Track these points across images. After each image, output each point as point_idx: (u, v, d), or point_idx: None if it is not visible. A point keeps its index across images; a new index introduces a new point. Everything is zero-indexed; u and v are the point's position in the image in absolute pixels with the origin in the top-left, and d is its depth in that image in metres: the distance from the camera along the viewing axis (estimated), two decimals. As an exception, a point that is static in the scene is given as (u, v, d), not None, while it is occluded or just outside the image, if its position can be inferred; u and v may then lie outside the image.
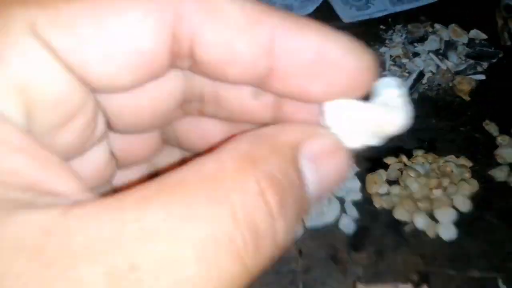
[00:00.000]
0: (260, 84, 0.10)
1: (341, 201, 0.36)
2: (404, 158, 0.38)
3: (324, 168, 0.09)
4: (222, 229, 0.07)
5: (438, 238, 0.35)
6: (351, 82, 0.10)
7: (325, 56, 0.09)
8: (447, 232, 0.35)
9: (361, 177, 0.38)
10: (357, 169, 0.38)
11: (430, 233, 0.35)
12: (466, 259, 0.33)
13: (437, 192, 0.36)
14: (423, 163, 0.38)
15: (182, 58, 0.09)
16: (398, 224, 0.36)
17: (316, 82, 0.09)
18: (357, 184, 0.36)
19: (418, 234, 0.35)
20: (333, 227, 0.35)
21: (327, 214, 0.34)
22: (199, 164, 0.08)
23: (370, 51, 0.10)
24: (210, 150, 0.09)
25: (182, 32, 0.08)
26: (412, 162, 0.38)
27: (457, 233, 0.35)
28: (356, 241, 0.35)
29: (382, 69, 0.47)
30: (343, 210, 0.35)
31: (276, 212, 0.08)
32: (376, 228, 0.35)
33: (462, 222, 0.35)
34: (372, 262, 0.34)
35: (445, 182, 0.36)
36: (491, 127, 0.41)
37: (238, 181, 0.08)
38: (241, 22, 0.09)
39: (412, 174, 0.36)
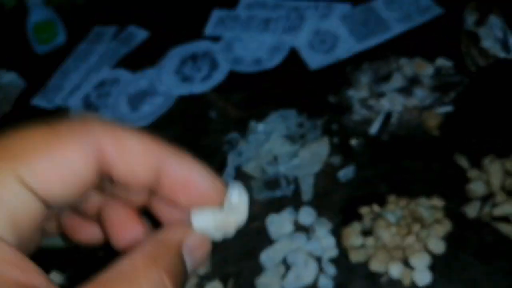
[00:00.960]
0: (152, 189, 0.15)
1: (318, 260, 0.38)
2: (375, 208, 0.40)
3: (195, 255, 0.15)
4: None
5: (413, 285, 0.36)
6: (207, 198, 0.15)
7: (191, 180, 0.15)
8: (422, 277, 0.36)
9: (337, 231, 0.40)
10: (330, 225, 0.40)
11: (406, 282, 0.36)
12: (443, 305, 0.35)
13: (410, 239, 0.37)
14: (394, 210, 0.39)
15: (103, 174, 0.14)
16: (374, 276, 0.37)
17: (184, 195, 0.15)
18: (332, 240, 0.39)
19: (394, 284, 0.36)
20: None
21: (304, 276, 0.36)
22: (119, 263, 0.13)
23: (218, 178, 0.16)
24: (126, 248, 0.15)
25: (103, 159, 0.14)
26: (384, 210, 0.40)
27: (432, 277, 0.36)
28: (336, 299, 0.37)
29: (350, 113, 0.49)
30: (320, 269, 0.37)
31: (167, 284, 0.13)
32: (354, 282, 0.37)
33: (437, 265, 0.37)
34: (353, 317, 0.36)
35: (416, 227, 0.37)
36: (462, 161, 0.42)
37: (147, 274, 0.12)
38: (140, 153, 0.14)
39: (383, 224, 0.38)
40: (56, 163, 0.13)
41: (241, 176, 0.47)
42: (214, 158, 0.49)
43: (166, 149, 0.15)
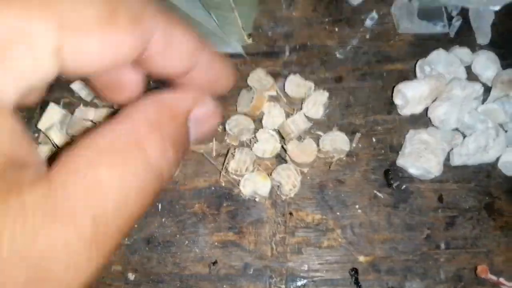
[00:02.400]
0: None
1: (502, 128, 0.25)
2: None
3: (201, 126, 0.15)
4: (139, 169, 0.11)
5: None
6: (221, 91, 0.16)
7: (216, 82, 0.16)
8: None
9: (529, 96, 0.26)
10: (528, 84, 0.26)
11: None
12: None
13: None
14: None
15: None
16: None
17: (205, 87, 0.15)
18: (527, 105, 0.25)
19: None
20: (488, 167, 0.25)
21: (491, 149, 0.23)
22: (121, 124, 0.12)
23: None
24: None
25: (148, 50, 0.13)
26: None
27: None
28: (523, 187, 0.24)
29: None
30: (509, 143, 0.24)
31: (173, 159, 0.12)
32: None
33: None
34: (545, 217, 0.24)
35: None
36: None
37: (151, 142, 0.12)
38: (183, 52, 0.14)
39: None
40: (106, 49, 0.12)
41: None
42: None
43: (204, 48, 0.15)
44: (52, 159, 0.11)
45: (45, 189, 0.10)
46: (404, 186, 0.25)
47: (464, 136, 0.25)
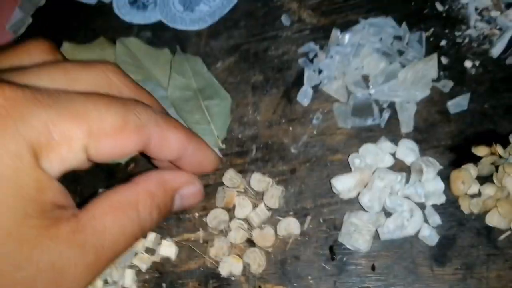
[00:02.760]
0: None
1: (421, 206, 0.31)
2: (499, 149, 0.31)
3: (185, 201, 0.20)
4: (131, 222, 0.17)
5: (544, 249, 0.29)
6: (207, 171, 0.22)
7: (202, 164, 0.22)
8: (557, 241, 0.29)
9: (445, 174, 0.32)
10: (439, 166, 0.32)
11: (534, 244, 0.29)
12: None
13: (544, 192, 0.29)
14: (524, 154, 0.31)
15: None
16: (490, 232, 0.30)
17: (192, 169, 0.22)
18: (440, 185, 0.31)
19: (517, 244, 0.29)
20: (412, 238, 0.31)
21: (408, 227, 0.30)
22: (126, 189, 0.18)
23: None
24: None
25: (148, 143, 0.18)
26: (510, 154, 0.31)
27: None
28: (440, 253, 0.30)
29: (466, 26, 0.39)
30: (423, 218, 0.31)
31: (156, 219, 0.18)
32: (464, 237, 0.30)
33: None
34: (459, 278, 0.29)
35: (555, 178, 0.29)
36: None
37: (143, 205, 0.18)
38: (175, 146, 0.20)
39: (510, 171, 0.30)
40: (118, 147, 0.17)
41: (321, 98, 0.38)
42: (286, 73, 0.41)
43: (192, 139, 0.20)
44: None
45: (74, 225, 0.15)
46: (344, 258, 0.32)
47: (388, 216, 0.31)
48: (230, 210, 0.35)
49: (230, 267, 0.33)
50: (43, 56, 0.20)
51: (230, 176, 0.36)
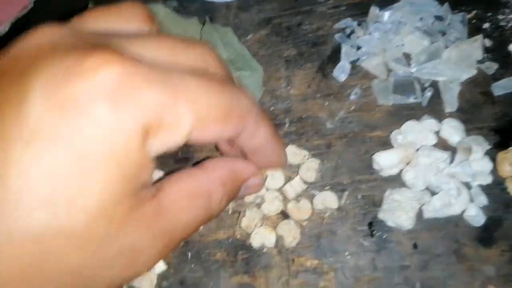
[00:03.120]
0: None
1: (467, 186, 0.30)
2: (547, 131, 0.30)
3: (247, 191, 0.21)
4: (203, 209, 0.17)
5: None
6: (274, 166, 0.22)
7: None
8: None
9: (490, 155, 0.31)
10: (487, 146, 0.31)
11: None
12: None
13: None
14: None
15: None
16: (539, 215, 0.29)
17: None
18: (488, 165, 0.30)
19: None
20: (456, 218, 0.30)
21: (455, 206, 0.28)
22: (197, 175, 0.18)
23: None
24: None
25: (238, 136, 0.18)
26: (559, 136, 0.30)
27: None
28: (486, 235, 0.29)
29: (509, 10, 0.38)
30: (469, 197, 0.29)
31: (223, 207, 0.18)
32: (511, 219, 0.29)
33: None
34: (505, 260, 0.28)
35: None
36: None
37: (216, 193, 0.18)
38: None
39: (560, 152, 0.29)
40: (217, 133, 0.16)
41: (358, 74, 0.37)
42: (321, 48, 0.39)
43: (275, 137, 0.19)
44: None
45: (156, 206, 0.15)
46: (385, 235, 0.31)
47: (434, 194, 0.30)
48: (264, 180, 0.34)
49: (262, 238, 0.31)
50: (140, 24, 0.18)
51: (293, 152, 0.34)
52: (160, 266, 0.34)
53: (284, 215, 0.32)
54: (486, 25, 0.37)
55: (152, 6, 0.42)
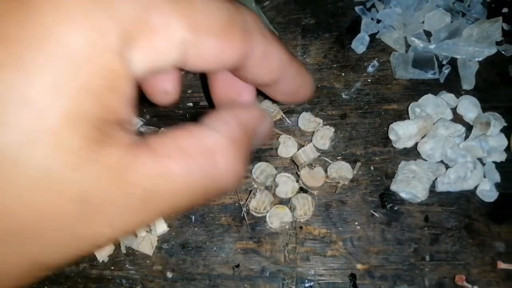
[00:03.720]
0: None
1: (480, 161, 0.30)
2: None
3: (257, 140, 0.16)
4: (207, 174, 0.13)
5: None
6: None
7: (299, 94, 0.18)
8: None
9: (507, 134, 0.31)
10: (504, 123, 0.31)
11: None
12: None
13: None
14: None
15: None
16: (552, 195, 0.29)
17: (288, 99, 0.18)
18: (504, 141, 0.30)
19: None
20: (468, 193, 0.30)
21: (469, 179, 0.28)
22: (205, 132, 0.14)
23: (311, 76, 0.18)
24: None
25: (249, 56, 0.15)
26: None
27: None
28: (497, 211, 0.29)
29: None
30: (483, 173, 0.29)
31: (240, 171, 0.14)
32: (523, 198, 0.29)
33: None
34: (516, 237, 0.28)
35: None
36: None
37: (224, 152, 0.14)
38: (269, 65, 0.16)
39: None
40: (219, 51, 0.14)
41: (377, 47, 0.37)
42: (340, 19, 0.39)
43: (292, 62, 0.16)
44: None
45: (130, 158, 0.11)
46: (396, 207, 0.30)
47: (447, 168, 0.30)
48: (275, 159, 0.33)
49: (279, 218, 0.30)
50: None
51: (266, 106, 0.33)
52: (161, 227, 0.33)
53: (302, 189, 0.31)
54: (505, 10, 0.37)
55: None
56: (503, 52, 0.35)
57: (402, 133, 0.30)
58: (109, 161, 0.11)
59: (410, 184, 0.29)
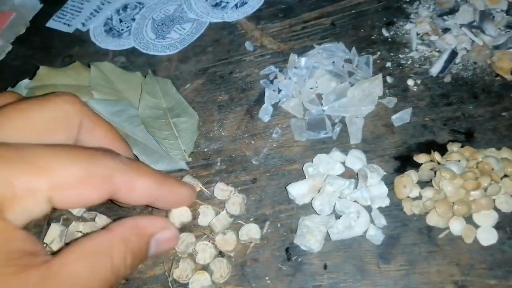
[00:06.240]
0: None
1: (368, 209, 0.34)
2: (436, 156, 0.35)
3: (161, 246, 0.21)
4: (103, 268, 0.18)
5: (476, 243, 0.32)
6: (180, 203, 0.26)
7: (176, 204, 0.28)
8: (487, 237, 0.32)
9: (389, 180, 0.35)
10: (383, 172, 0.35)
11: (468, 240, 0.32)
12: (508, 266, 0.31)
13: (476, 194, 0.33)
14: (459, 160, 0.34)
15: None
16: (431, 231, 0.33)
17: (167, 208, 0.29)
18: (384, 189, 0.34)
19: (454, 240, 0.32)
20: (360, 238, 0.34)
21: (355, 227, 0.32)
22: (100, 236, 0.19)
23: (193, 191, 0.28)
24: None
25: (116, 192, 0.19)
26: (446, 160, 0.35)
27: (498, 237, 0.32)
28: (386, 251, 0.33)
29: (408, 50, 0.43)
30: (370, 219, 0.33)
31: (130, 265, 0.19)
32: (407, 236, 0.33)
33: (504, 224, 0.32)
34: (403, 273, 0.32)
35: (485, 181, 0.33)
36: (540, 109, 0.36)
37: (117, 251, 0.18)
38: (143, 194, 0.21)
39: (446, 175, 0.33)
40: (82, 197, 0.18)
41: (280, 115, 0.42)
42: (249, 93, 0.44)
43: (165, 183, 0.22)
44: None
45: (45, 271, 0.16)
46: (300, 259, 0.34)
47: (338, 219, 0.34)
48: (195, 229, 0.37)
49: (201, 284, 0.34)
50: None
51: (187, 181, 0.38)
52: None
53: (220, 253, 0.36)
54: (388, 64, 0.43)
55: (98, 64, 0.47)
56: (386, 104, 0.40)
57: (295, 194, 0.35)
58: (31, 279, 0.15)
59: (305, 238, 0.33)
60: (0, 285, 0.15)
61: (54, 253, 0.18)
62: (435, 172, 0.35)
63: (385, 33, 0.45)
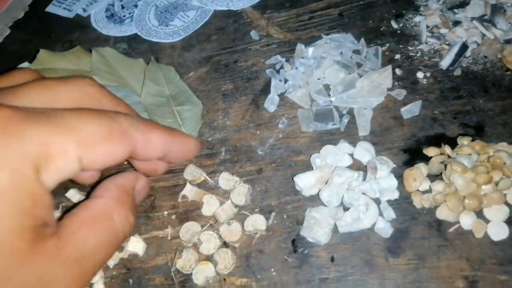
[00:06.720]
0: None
1: (377, 202, 0.33)
2: (447, 149, 0.34)
3: (140, 195, 0.24)
4: (107, 231, 0.19)
5: (487, 238, 0.31)
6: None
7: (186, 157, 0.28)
8: (498, 231, 0.31)
9: (397, 172, 0.35)
10: (393, 165, 0.34)
11: (478, 235, 0.31)
12: (520, 262, 0.30)
13: (488, 188, 0.32)
14: (469, 154, 0.34)
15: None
16: (441, 225, 0.32)
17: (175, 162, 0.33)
18: (393, 181, 0.33)
19: (464, 235, 0.32)
20: (368, 231, 0.33)
21: (364, 220, 0.32)
22: (95, 203, 0.20)
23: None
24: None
25: (135, 147, 0.21)
26: (457, 154, 0.34)
27: (509, 232, 0.31)
28: (394, 245, 0.32)
29: (418, 42, 0.42)
30: (379, 212, 0.33)
31: (132, 220, 0.21)
32: (416, 230, 0.33)
33: (516, 219, 0.32)
34: (412, 267, 0.31)
35: (497, 176, 0.32)
36: (551, 104, 0.36)
37: (118, 212, 0.20)
38: (157, 148, 0.23)
39: (457, 168, 0.32)
40: (109, 153, 0.19)
41: (286, 105, 0.41)
42: (254, 82, 0.43)
43: (174, 137, 0.24)
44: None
45: (57, 242, 0.17)
46: (306, 251, 0.33)
47: (346, 211, 0.33)
48: (200, 217, 0.36)
49: (204, 274, 0.33)
50: (26, 78, 0.21)
51: (191, 170, 0.37)
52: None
53: (224, 244, 0.35)
54: (397, 56, 0.42)
55: (100, 49, 0.46)
56: (395, 97, 0.39)
57: (302, 185, 0.34)
58: (47, 249, 0.16)
59: (312, 230, 0.32)
60: (22, 251, 0.15)
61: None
62: (445, 166, 0.34)
63: (394, 25, 0.44)
